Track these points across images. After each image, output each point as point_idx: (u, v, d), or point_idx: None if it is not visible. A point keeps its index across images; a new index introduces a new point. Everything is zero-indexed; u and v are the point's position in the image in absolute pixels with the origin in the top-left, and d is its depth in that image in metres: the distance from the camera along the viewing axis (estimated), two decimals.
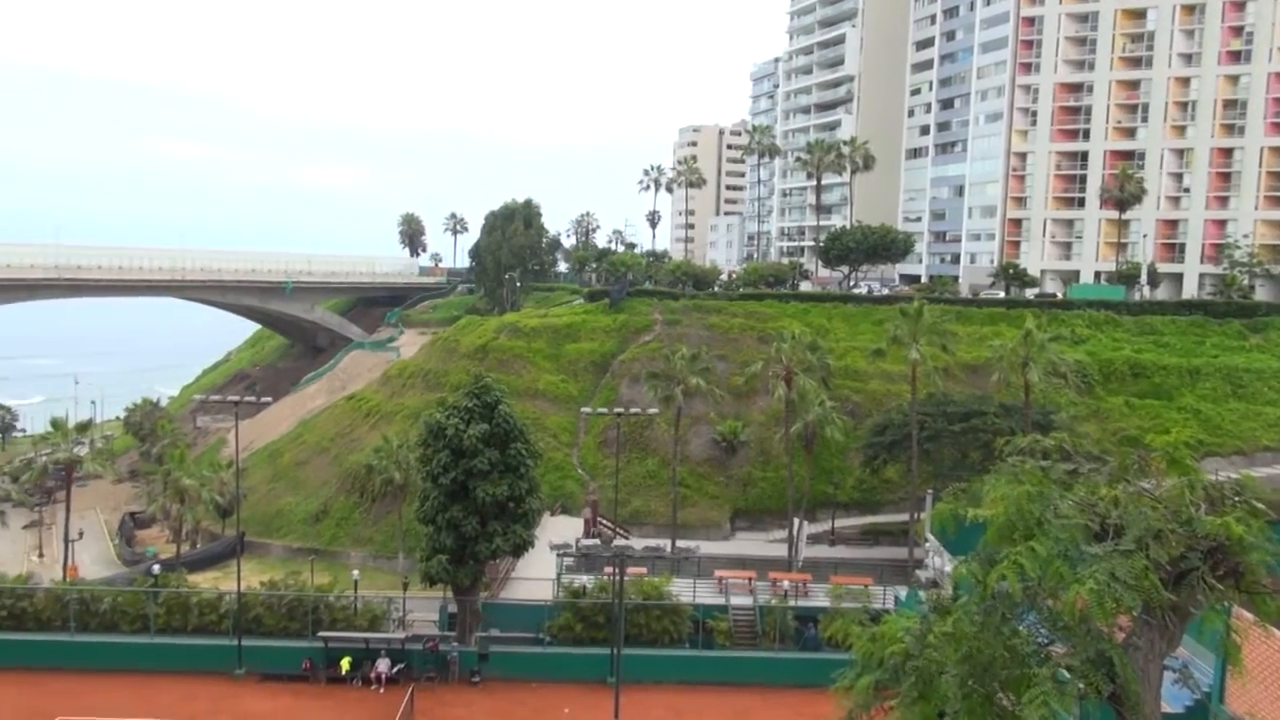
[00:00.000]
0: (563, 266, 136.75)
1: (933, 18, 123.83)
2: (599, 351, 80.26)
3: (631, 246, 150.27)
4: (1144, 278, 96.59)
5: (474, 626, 40.30)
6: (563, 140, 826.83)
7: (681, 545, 55.54)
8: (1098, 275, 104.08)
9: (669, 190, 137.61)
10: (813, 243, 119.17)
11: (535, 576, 45.55)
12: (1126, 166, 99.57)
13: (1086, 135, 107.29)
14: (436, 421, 39.64)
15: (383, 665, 37.55)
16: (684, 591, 43.27)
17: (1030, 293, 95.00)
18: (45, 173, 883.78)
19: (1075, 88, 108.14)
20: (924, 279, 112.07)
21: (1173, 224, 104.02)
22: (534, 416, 66.47)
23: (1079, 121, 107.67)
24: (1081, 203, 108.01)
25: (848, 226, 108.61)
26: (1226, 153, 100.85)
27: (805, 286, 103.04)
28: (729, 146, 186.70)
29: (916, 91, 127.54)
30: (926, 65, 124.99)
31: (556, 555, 46.99)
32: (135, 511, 79.20)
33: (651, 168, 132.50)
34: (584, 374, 78.47)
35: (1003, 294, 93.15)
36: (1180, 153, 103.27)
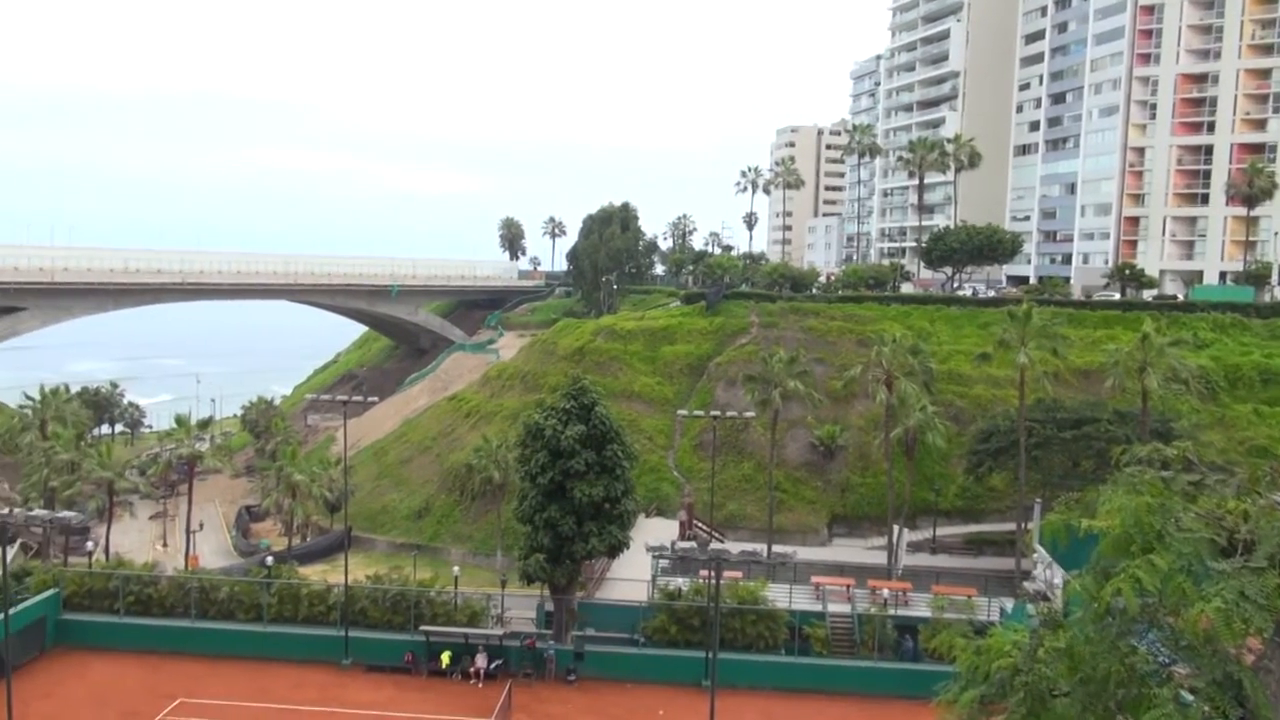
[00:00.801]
0: (659, 269, 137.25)
1: (1043, 9, 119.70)
2: (695, 354, 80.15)
3: (728, 249, 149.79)
4: (1275, 278, 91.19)
5: (570, 625, 40.65)
6: (660, 144, 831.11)
7: (778, 550, 54.86)
8: (1223, 276, 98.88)
9: (766, 192, 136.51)
10: (914, 243, 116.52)
11: (630, 577, 45.71)
12: (1256, 160, 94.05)
13: (1211, 128, 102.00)
14: (535, 422, 40.16)
15: (481, 660, 38.20)
16: (780, 597, 42.72)
17: (1148, 294, 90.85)
18: (185, 186, 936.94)
19: (1199, 78, 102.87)
20: (1033, 280, 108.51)
21: None
22: (630, 418, 66.82)
23: (1203, 114, 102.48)
24: (1205, 199, 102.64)
25: (951, 226, 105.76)
26: None
27: (906, 288, 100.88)
28: (827, 147, 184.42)
29: (1025, 86, 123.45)
30: (1036, 59, 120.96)
31: (652, 557, 46.99)
32: (250, 505, 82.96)
33: (749, 169, 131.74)
34: (680, 377, 78.48)
35: (1118, 296, 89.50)
36: None
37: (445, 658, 38.33)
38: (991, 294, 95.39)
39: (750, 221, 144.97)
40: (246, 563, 61.35)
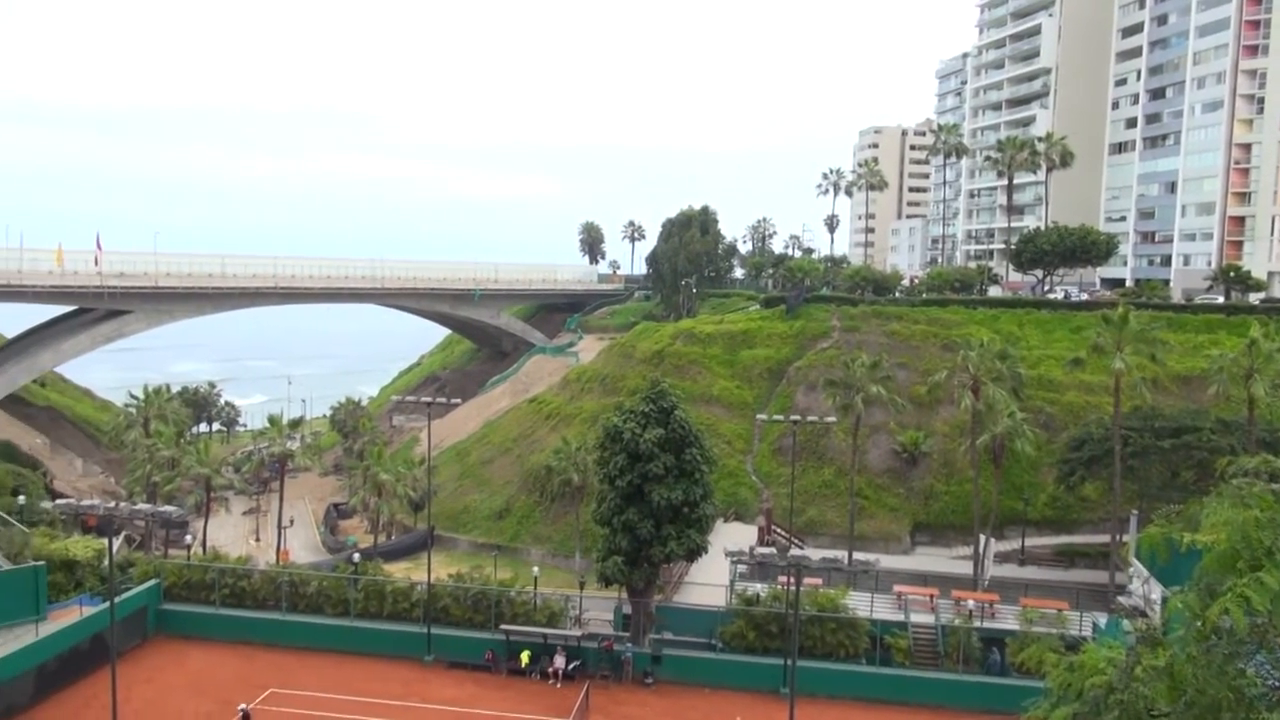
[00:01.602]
0: (739, 273, 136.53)
1: (1141, 1, 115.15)
2: (775, 358, 79.42)
3: (809, 252, 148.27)
4: None
5: (648, 628, 40.69)
6: (740, 146, 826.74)
7: (859, 558, 53.60)
8: None
9: (848, 194, 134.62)
10: (1003, 245, 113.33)
11: (708, 582, 45.48)
12: None
13: None
14: (614, 425, 40.32)
15: (559, 661, 38.52)
16: (861, 605, 42.00)
17: (1255, 297, 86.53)
18: (281, 192, 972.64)
19: None
20: (1129, 283, 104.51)
21: None
22: (708, 422, 66.50)
23: None
24: None
25: (1042, 228, 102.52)
26: None
27: (994, 291, 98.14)
28: (911, 147, 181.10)
29: (1122, 82, 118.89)
30: (1134, 53, 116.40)
31: (731, 562, 46.61)
32: (338, 503, 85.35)
33: (830, 171, 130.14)
34: (759, 380, 77.86)
35: (1222, 299, 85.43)
36: None
37: (524, 657, 38.76)
38: (1084, 297, 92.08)
39: (832, 224, 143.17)
40: (334, 559, 63.06)
